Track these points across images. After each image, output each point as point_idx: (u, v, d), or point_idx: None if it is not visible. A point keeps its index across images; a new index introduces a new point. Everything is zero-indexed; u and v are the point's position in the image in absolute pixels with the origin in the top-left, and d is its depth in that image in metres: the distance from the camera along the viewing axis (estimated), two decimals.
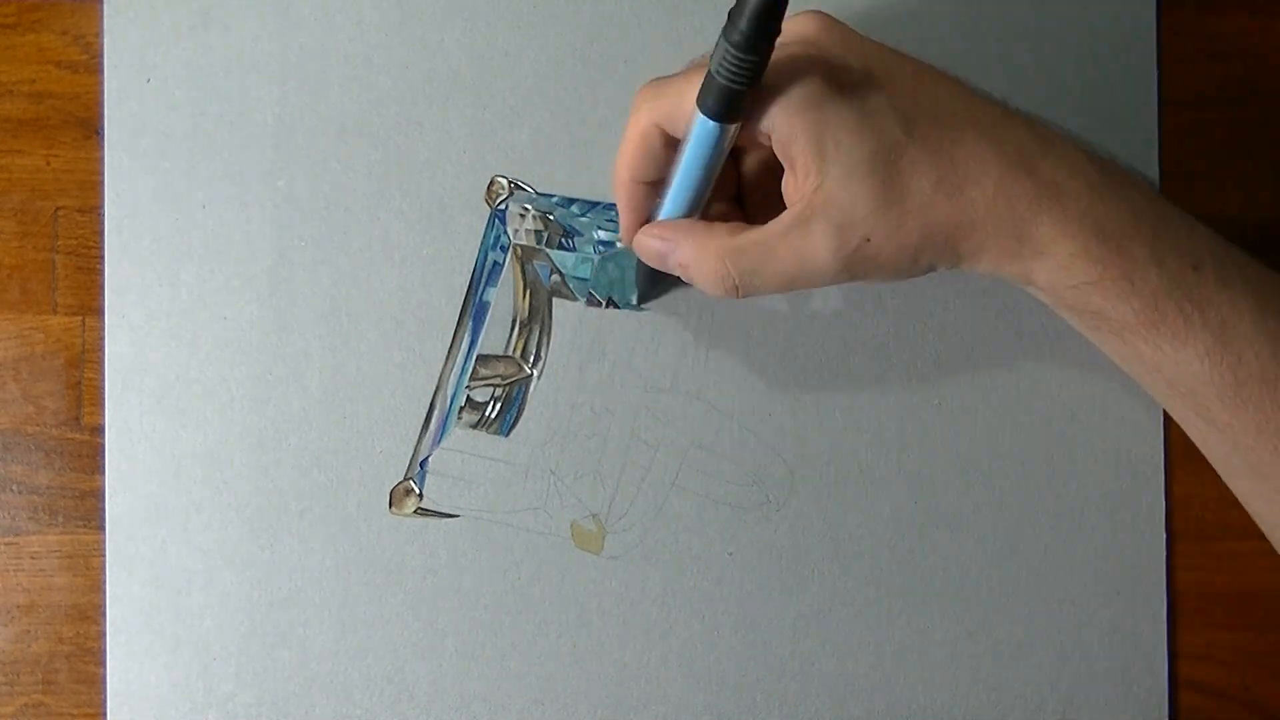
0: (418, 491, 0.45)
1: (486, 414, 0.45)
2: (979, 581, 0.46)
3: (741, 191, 0.43)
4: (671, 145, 0.39)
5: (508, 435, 0.46)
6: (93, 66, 0.46)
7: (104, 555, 0.45)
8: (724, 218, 0.41)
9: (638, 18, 0.46)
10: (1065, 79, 0.46)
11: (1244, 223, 0.47)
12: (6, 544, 0.45)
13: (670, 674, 0.45)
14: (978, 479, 0.46)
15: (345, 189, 0.46)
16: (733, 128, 0.37)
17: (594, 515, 0.46)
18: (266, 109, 0.46)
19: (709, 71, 0.36)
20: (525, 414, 0.46)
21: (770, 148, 0.38)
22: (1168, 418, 0.46)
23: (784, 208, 0.39)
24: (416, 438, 0.45)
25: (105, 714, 0.45)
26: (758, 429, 0.46)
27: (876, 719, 0.45)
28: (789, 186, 0.38)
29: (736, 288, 0.39)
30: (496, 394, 0.46)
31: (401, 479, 0.45)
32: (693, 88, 0.37)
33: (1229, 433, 0.39)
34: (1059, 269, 0.38)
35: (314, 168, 0.46)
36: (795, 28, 0.38)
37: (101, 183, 0.45)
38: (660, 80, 0.39)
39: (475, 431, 0.46)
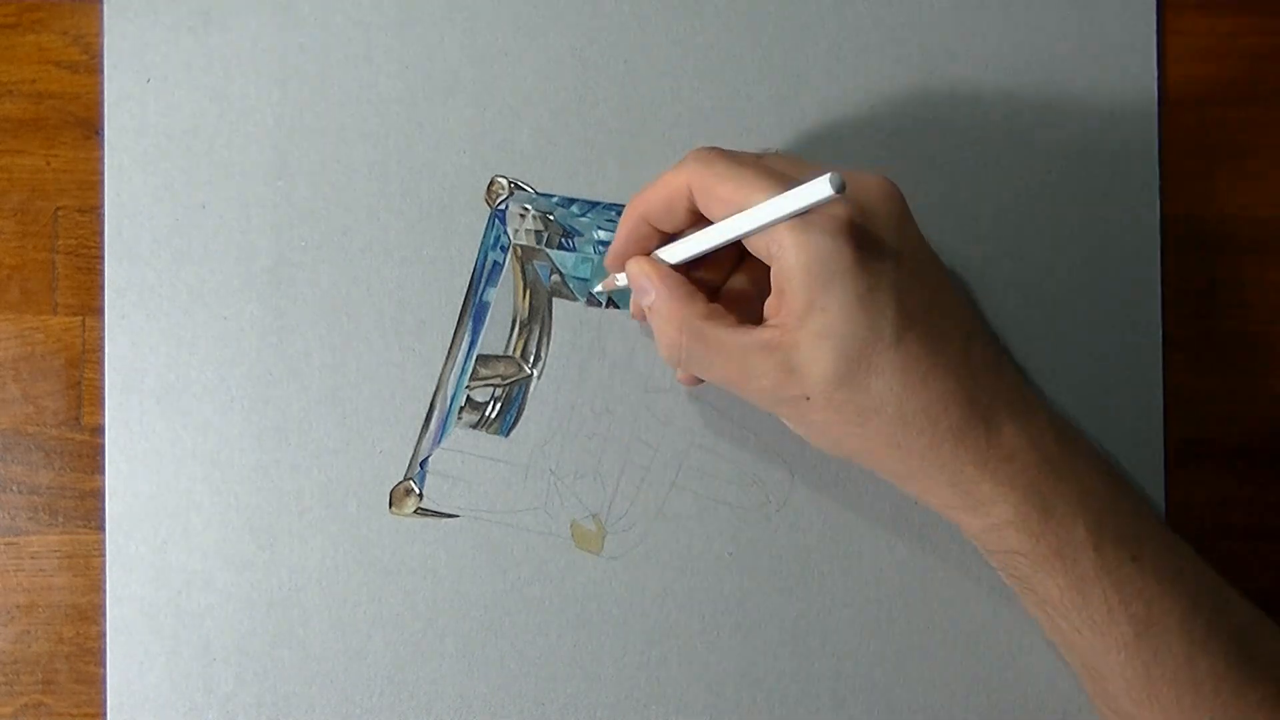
0: (418, 491, 0.45)
1: (486, 414, 0.45)
2: (979, 581, 0.46)
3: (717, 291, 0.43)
4: (692, 212, 0.39)
5: (508, 435, 0.46)
6: (93, 66, 0.46)
7: (104, 555, 0.45)
8: (705, 280, 0.42)
9: (638, 18, 0.46)
10: (1065, 79, 0.46)
11: (1244, 223, 0.47)
12: (6, 544, 0.45)
13: (670, 674, 0.45)
14: None
15: (345, 189, 0.46)
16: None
17: (594, 515, 0.46)
18: (266, 109, 0.46)
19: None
20: (525, 414, 0.46)
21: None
22: (1168, 418, 0.46)
23: (752, 296, 0.40)
24: (416, 438, 0.45)
25: (105, 714, 0.45)
26: (758, 429, 0.46)
27: (876, 719, 0.45)
28: (771, 305, 0.38)
29: (679, 362, 0.40)
30: (496, 394, 0.46)
31: (401, 479, 0.45)
32: (737, 179, 0.37)
33: (1128, 718, 0.39)
34: (990, 530, 0.39)
35: (314, 168, 0.46)
36: (864, 182, 0.38)
37: (101, 183, 0.45)
38: (719, 155, 0.39)
39: (475, 431, 0.46)
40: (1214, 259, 0.46)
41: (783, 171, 0.38)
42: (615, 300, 0.46)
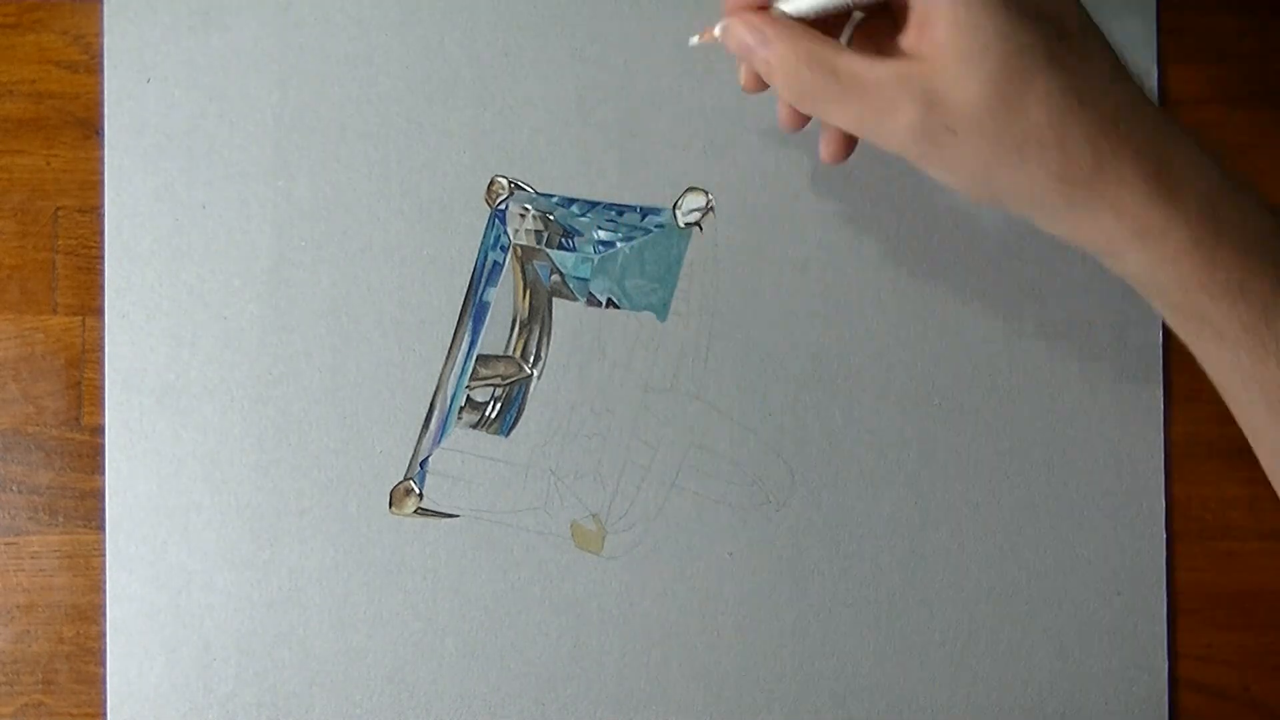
0: (418, 491, 0.45)
1: (486, 414, 0.45)
2: (979, 581, 0.46)
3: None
4: None
5: (508, 435, 0.46)
6: (93, 66, 0.46)
7: (104, 555, 0.45)
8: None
9: (638, 18, 0.46)
10: None
11: None
12: (6, 544, 0.45)
13: (670, 674, 0.45)
14: (977, 479, 0.46)
15: (345, 189, 0.46)
16: None
17: (594, 515, 0.46)
18: (266, 109, 0.46)
19: None
20: (525, 414, 0.46)
21: None
22: (1168, 419, 0.46)
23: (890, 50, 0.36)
24: (416, 438, 0.45)
25: (105, 714, 0.45)
26: (758, 429, 0.46)
27: (876, 719, 0.45)
28: (908, 39, 0.36)
29: (810, 102, 0.37)
30: (496, 394, 0.46)
31: (401, 479, 0.45)
32: None
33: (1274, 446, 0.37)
34: (1163, 263, 0.36)
35: (314, 168, 0.46)
36: None
37: (101, 183, 0.45)
38: None
39: (475, 431, 0.46)
40: None
41: None
42: (615, 300, 0.46)
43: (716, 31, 0.38)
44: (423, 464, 0.45)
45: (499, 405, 0.45)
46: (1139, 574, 0.46)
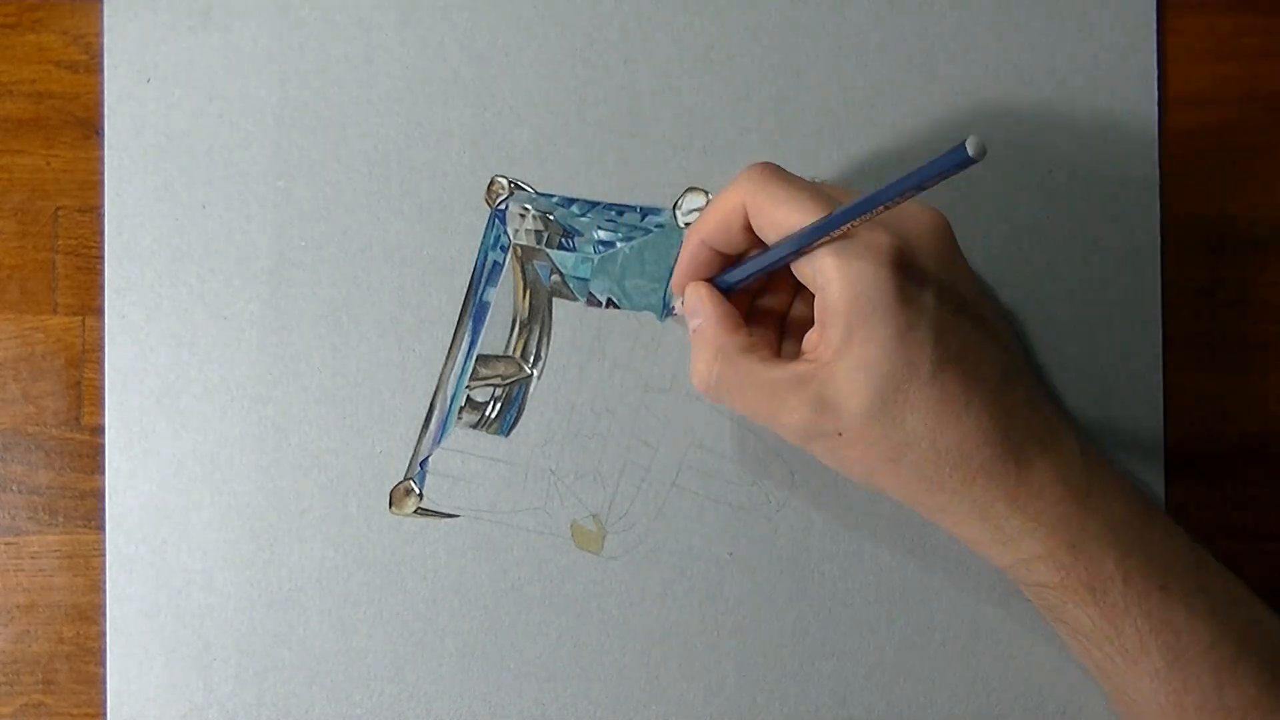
0: (418, 491, 0.45)
1: (486, 414, 0.45)
2: (979, 581, 0.46)
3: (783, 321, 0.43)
4: (746, 230, 0.39)
5: (508, 435, 0.46)
6: (93, 66, 0.46)
7: (104, 555, 0.45)
8: (761, 321, 0.42)
9: (638, 18, 0.46)
10: (1065, 79, 0.46)
11: (1244, 223, 0.47)
12: (6, 544, 0.45)
13: (670, 674, 0.45)
14: None
15: (345, 189, 0.46)
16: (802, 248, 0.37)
17: (594, 515, 0.46)
18: (266, 109, 0.46)
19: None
20: (525, 414, 0.46)
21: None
22: (1168, 420, 0.46)
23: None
24: (416, 438, 0.45)
25: (105, 714, 0.45)
26: (758, 429, 0.46)
27: (876, 719, 0.45)
28: (810, 339, 0.39)
29: (709, 392, 0.40)
30: (496, 394, 0.46)
31: (401, 479, 0.45)
32: (792, 201, 0.37)
33: None
34: (1021, 564, 0.39)
35: (314, 168, 0.46)
36: (911, 214, 0.38)
37: (101, 183, 0.45)
38: (777, 173, 0.39)
39: (475, 431, 0.46)
40: (1214, 259, 0.46)
41: (834, 198, 0.38)
42: (615, 300, 0.46)
43: (674, 292, 0.43)
44: (423, 464, 0.45)
45: (499, 405, 0.45)
46: None
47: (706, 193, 0.46)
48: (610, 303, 0.46)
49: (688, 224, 0.46)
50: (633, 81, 0.46)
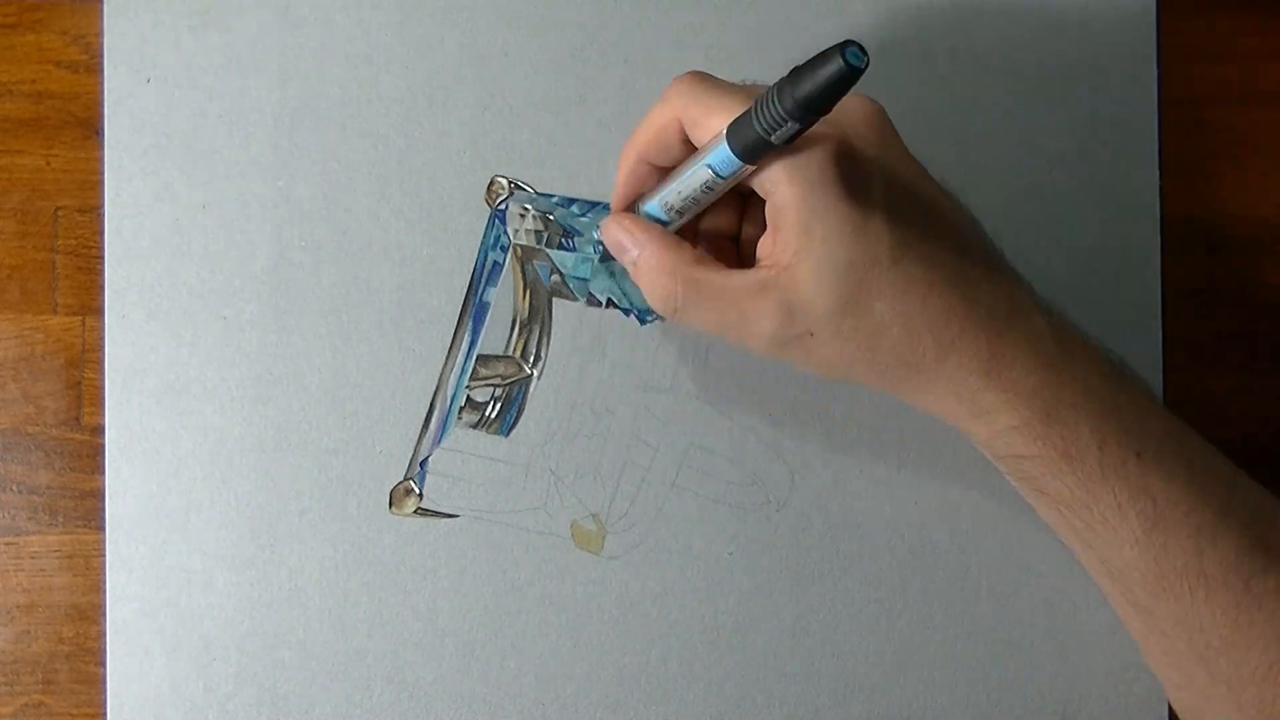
0: (418, 491, 0.45)
1: (486, 414, 0.45)
2: (979, 581, 0.46)
3: (738, 242, 0.43)
4: (686, 144, 0.39)
5: (508, 435, 0.46)
6: (93, 66, 0.46)
7: (104, 555, 0.45)
8: (717, 249, 0.42)
9: (638, 18, 0.46)
10: (1065, 79, 0.46)
11: (1244, 223, 0.47)
12: (6, 544, 0.45)
13: (670, 674, 0.45)
14: (977, 479, 0.46)
15: (345, 189, 0.46)
16: (748, 169, 0.37)
17: (594, 515, 0.46)
18: (266, 109, 0.46)
19: (749, 112, 0.35)
20: (525, 414, 0.46)
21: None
22: None
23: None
24: (416, 438, 0.45)
25: (105, 714, 0.45)
26: (758, 429, 0.46)
27: (876, 719, 0.45)
28: (764, 245, 0.39)
29: (675, 310, 0.39)
30: (496, 394, 0.46)
31: (401, 479, 0.45)
32: (727, 109, 0.37)
33: (1149, 618, 0.39)
34: (997, 436, 0.39)
35: (314, 168, 0.46)
36: (846, 104, 0.37)
37: (101, 183, 0.45)
38: (702, 81, 0.39)
39: (475, 431, 0.45)
40: (1214, 259, 0.46)
41: None
42: (615, 300, 0.46)
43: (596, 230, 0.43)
44: (423, 464, 0.45)
45: (499, 405, 0.45)
46: None
47: None
48: (610, 303, 0.46)
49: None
50: (633, 81, 0.46)
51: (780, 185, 0.37)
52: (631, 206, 0.41)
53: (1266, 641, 0.38)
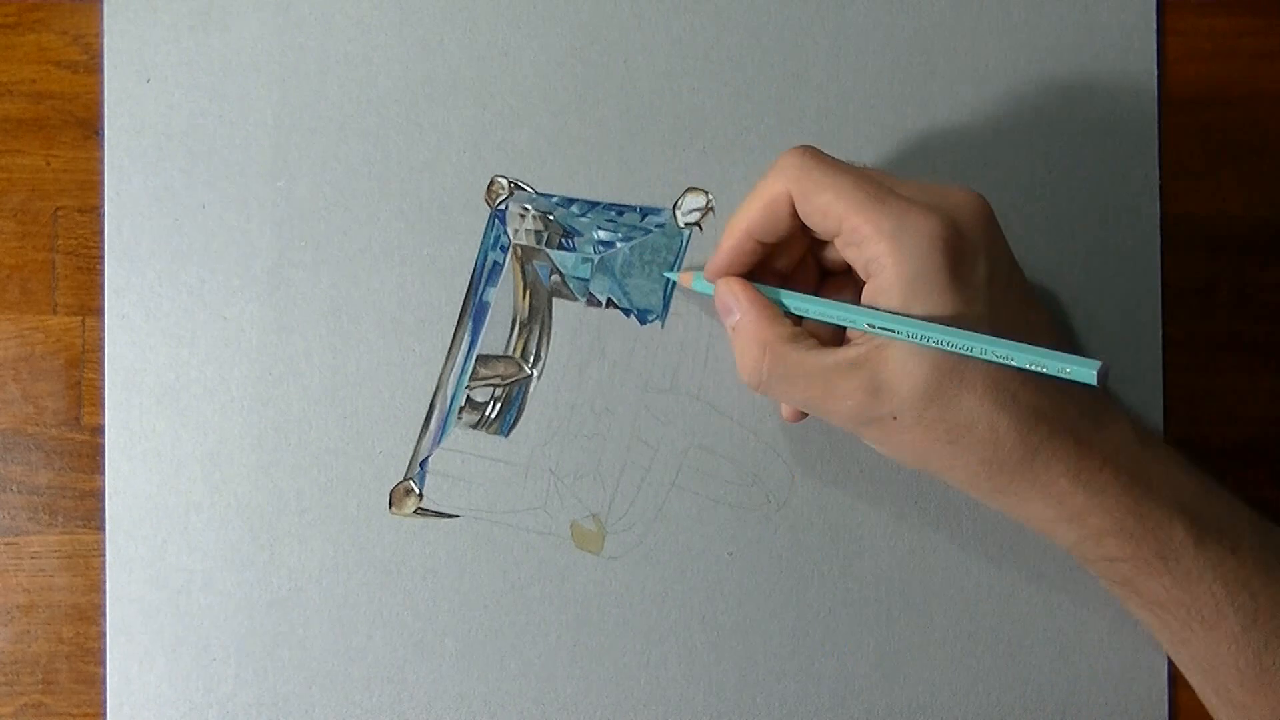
0: (418, 491, 0.45)
1: (486, 414, 0.45)
2: (979, 581, 0.46)
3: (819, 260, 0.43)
4: (794, 218, 0.39)
5: (508, 435, 0.46)
6: (93, 66, 0.46)
7: (104, 555, 0.45)
8: (800, 267, 0.42)
9: (638, 18, 0.46)
10: (1065, 79, 0.46)
11: (1244, 223, 0.47)
12: (6, 544, 0.45)
13: (670, 674, 0.45)
14: None
15: (345, 189, 0.46)
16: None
17: (594, 515, 0.46)
18: (266, 109, 0.46)
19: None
20: (525, 414, 0.46)
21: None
22: (1168, 420, 0.46)
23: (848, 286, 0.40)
24: (416, 438, 0.45)
25: (105, 714, 0.45)
26: (758, 429, 0.46)
27: (876, 719, 0.45)
28: (869, 291, 0.38)
29: (759, 385, 0.40)
30: (496, 394, 0.46)
31: (401, 479, 0.45)
32: (838, 186, 0.37)
33: (1244, 712, 0.39)
34: (1088, 540, 0.39)
35: (314, 168, 0.46)
36: (955, 197, 0.38)
37: (101, 183, 0.45)
38: (815, 155, 0.39)
39: (475, 431, 0.45)
40: (1214, 259, 0.46)
41: (879, 182, 0.38)
42: (615, 300, 0.46)
43: (691, 282, 0.42)
44: (423, 464, 0.45)
45: (499, 405, 0.45)
46: None
47: (706, 193, 0.46)
48: (610, 303, 0.46)
49: (688, 224, 0.46)
50: (633, 81, 0.46)
51: (886, 268, 0.37)
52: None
53: None
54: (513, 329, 0.46)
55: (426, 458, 0.45)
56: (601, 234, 0.46)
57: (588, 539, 0.46)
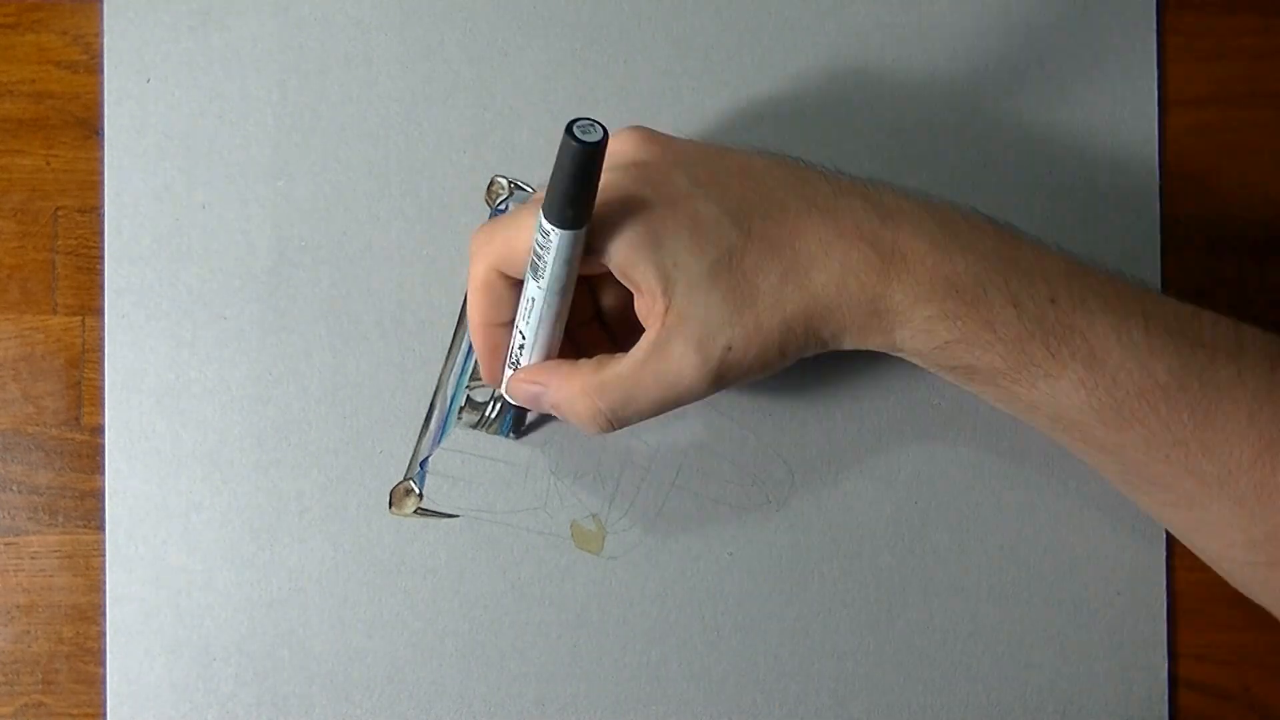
0: (418, 491, 0.45)
1: (486, 414, 0.45)
2: (979, 581, 0.46)
3: (605, 323, 0.43)
4: (515, 286, 0.39)
5: (507, 435, 0.46)
6: (93, 66, 0.46)
7: (104, 555, 0.45)
8: (594, 342, 0.42)
9: (638, 18, 0.46)
10: (1065, 79, 0.46)
11: (1244, 223, 0.47)
12: (6, 544, 0.45)
13: (670, 674, 0.45)
14: (977, 479, 0.46)
15: (345, 189, 0.46)
16: (578, 235, 0.36)
17: (594, 515, 0.46)
18: (266, 109, 0.46)
19: (549, 191, 0.35)
20: (525, 414, 0.46)
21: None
22: None
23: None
24: (416, 438, 0.45)
25: (105, 714, 0.45)
26: (758, 429, 0.46)
27: (876, 719, 0.45)
28: (641, 309, 0.39)
29: (610, 423, 0.39)
30: (496, 394, 0.46)
31: (401, 479, 0.45)
32: (525, 227, 0.37)
33: (1119, 453, 0.39)
34: (920, 333, 0.39)
35: (314, 168, 0.46)
36: (616, 147, 0.38)
37: (101, 183, 0.45)
38: (489, 224, 0.40)
39: (475, 431, 0.45)
40: (1214, 259, 0.46)
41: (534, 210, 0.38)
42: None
43: (501, 390, 0.43)
44: (423, 464, 0.45)
45: (499, 405, 0.45)
46: (1139, 574, 0.46)
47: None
48: None
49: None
50: (633, 81, 0.46)
51: (614, 249, 0.37)
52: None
53: (1242, 429, 0.37)
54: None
55: (426, 458, 0.45)
56: None
57: (588, 539, 0.46)
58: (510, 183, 0.46)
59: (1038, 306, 0.38)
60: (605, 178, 0.35)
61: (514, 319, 0.40)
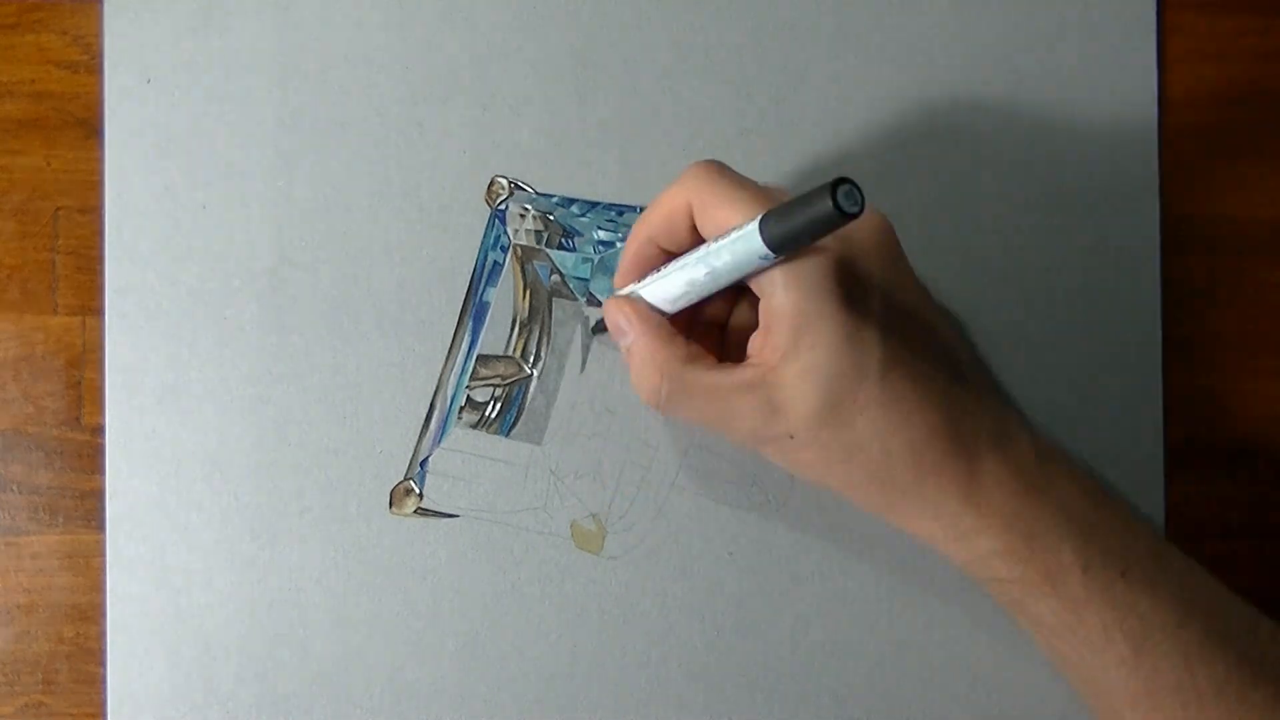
0: (418, 491, 0.45)
1: (486, 414, 0.45)
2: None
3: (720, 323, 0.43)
4: (693, 231, 0.39)
5: (508, 435, 0.46)
6: (93, 66, 0.46)
7: (104, 555, 0.45)
8: (703, 325, 0.42)
9: (638, 18, 0.46)
10: (1065, 79, 0.46)
11: (1244, 223, 0.47)
12: (6, 544, 0.45)
13: (670, 674, 0.45)
14: None
15: (345, 189, 0.46)
16: (757, 265, 0.36)
17: (594, 515, 0.46)
18: (266, 109, 0.46)
19: (788, 207, 0.35)
20: (525, 414, 0.46)
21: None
22: (1168, 419, 0.46)
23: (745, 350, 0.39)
24: (416, 438, 0.45)
25: (105, 714, 0.45)
26: None
27: (876, 719, 0.45)
28: (755, 342, 0.39)
29: (660, 405, 0.40)
30: (496, 394, 0.46)
31: (401, 479, 0.45)
32: (737, 203, 0.37)
33: None
34: (977, 561, 0.39)
35: (314, 168, 0.46)
36: (861, 218, 0.38)
37: (101, 183, 0.45)
38: (719, 171, 0.39)
39: (475, 431, 0.46)
40: (1214, 259, 0.47)
41: (779, 200, 0.37)
42: None
43: (607, 294, 0.42)
44: (423, 464, 0.45)
45: (499, 405, 0.45)
46: None
47: None
48: None
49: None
50: (633, 81, 0.46)
51: (778, 287, 0.37)
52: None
53: None
54: (513, 329, 0.46)
55: (426, 458, 0.45)
56: (601, 234, 0.46)
57: (588, 539, 0.46)
58: (510, 183, 0.46)
59: (1106, 575, 0.38)
60: (848, 229, 0.35)
61: (673, 252, 0.40)
